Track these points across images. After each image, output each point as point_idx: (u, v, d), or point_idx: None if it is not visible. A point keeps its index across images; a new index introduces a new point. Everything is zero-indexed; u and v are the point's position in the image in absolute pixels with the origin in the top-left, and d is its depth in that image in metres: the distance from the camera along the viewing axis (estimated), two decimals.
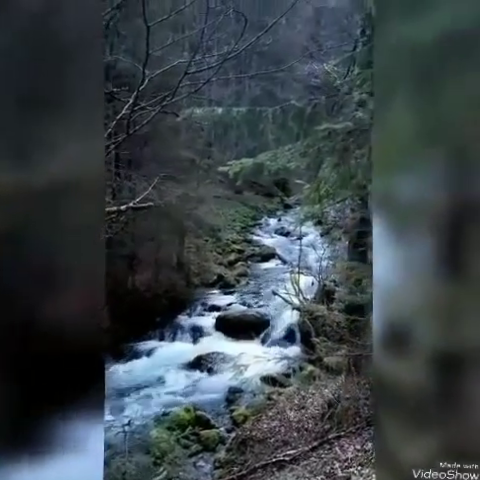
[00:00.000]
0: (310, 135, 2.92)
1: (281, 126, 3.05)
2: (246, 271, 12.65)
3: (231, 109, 3.19)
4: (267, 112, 3.02)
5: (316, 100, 2.97)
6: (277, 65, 7.29)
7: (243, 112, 3.11)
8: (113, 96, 7.29)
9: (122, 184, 10.17)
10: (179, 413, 6.55)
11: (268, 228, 16.36)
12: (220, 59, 3.32)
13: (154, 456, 4.81)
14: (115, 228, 10.07)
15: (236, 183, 3.26)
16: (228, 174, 3.32)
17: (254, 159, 3.10)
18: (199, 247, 12.76)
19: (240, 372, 5.16)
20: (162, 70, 3.66)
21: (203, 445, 6.12)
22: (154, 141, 9.55)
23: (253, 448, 5.76)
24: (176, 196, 9.75)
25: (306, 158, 2.90)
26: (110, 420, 5.06)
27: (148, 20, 2.90)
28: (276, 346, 8.75)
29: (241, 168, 3.09)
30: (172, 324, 9.81)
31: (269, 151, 3.18)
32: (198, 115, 3.15)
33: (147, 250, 10.79)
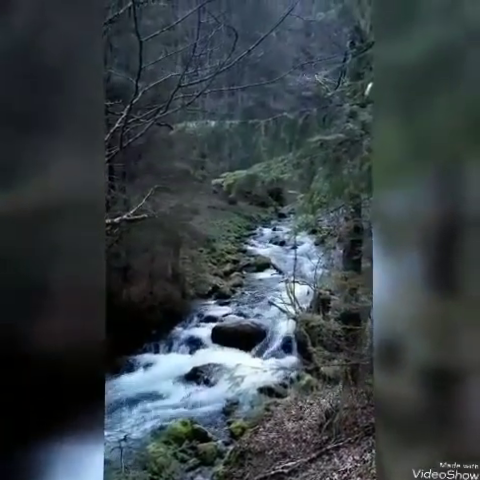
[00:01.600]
0: (302, 146, 2.95)
1: (273, 137, 3.08)
2: (241, 281, 12.63)
3: (224, 122, 3.22)
4: (259, 124, 3.06)
5: (308, 112, 3.01)
6: (269, 77, 7.39)
7: (236, 125, 3.14)
8: (107, 110, 7.34)
9: (116, 196, 10.17)
10: (176, 426, 6.47)
11: (263, 238, 16.39)
12: (213, 72, 3.36)
13: (151, 471, 4.73)
14: (110, 240, 10.05)
15: (230, 194, 3.28)
16: (220, 187, 3.33)
17: (247, 170, 3.13)
18: (194, 258, 12.74)
19: (236, 384, 5.12)
20: (155, 83, 3.69)
21: (201, 459, 6.04)
22: (148, 153, 9.60)
23: (251, 461, 5.69)
24: (170, 207, 9.76)
25: (299, 169, 2.93)
26: (106, 435, 4.99)
27: (141, 35, 2.94)
28: (272, 356, 8.71)
29: (235, 180, 3.11)
30: (168, 336, 9.73)
31: (262, 162, 3.21)
32: (191, 128, 3.18)
33: (142, 262, 10.75)
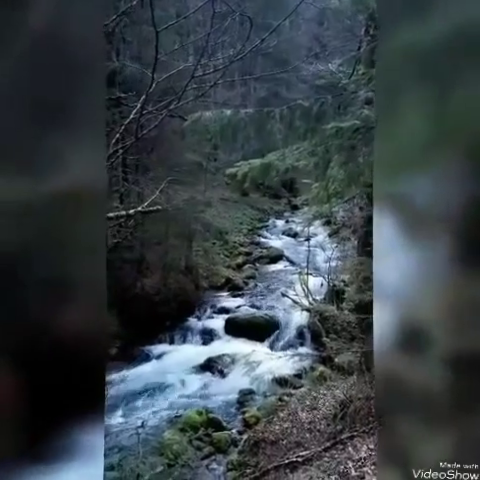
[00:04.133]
0: (317, 134, 2.93)
1: (288, 126, 3.06)
2: (254, 273, 12.65)
3: (239, 110, 3.21)
4: (274, 112, 3.03)
5: (323, 99, 2.98)
6: (282, 66, 7.31)
7: (250, 113, 3.13)
8: (120, 102, 7.38)
9: (130, 189, 10.26)
10: (191, 415, 6.56)
11: (275, 230, 16.35)
12: (226, 62, 3.34)
13: (168, 458, 4.83)
14: (123, 233, 10.15)
15: (244, 184, 3.27)
16: (236, 176, 3.33)
17: (262, 159, 3.11)
18: (207, 250, 12.79)
19: (252, 368, 5.16)
20: (169, 74, 3.69)
21: (215, 447, 6.12)
22: (161, 145, 9.62)
23: (265, 450, 5.75)
24: (183, 200, 9.80)
25: (314, 157, 2.91)
26: (122, 422, 5.10)
27: (152, 25, 2.94)
28: (286, 347, 8.73)
29: (249, 169, 3.10)
30: (182, 327, 9.83)
31: (277, 151, 3.19)
32: (207, 117, 3.17)
33: (155, 254, 10.85)
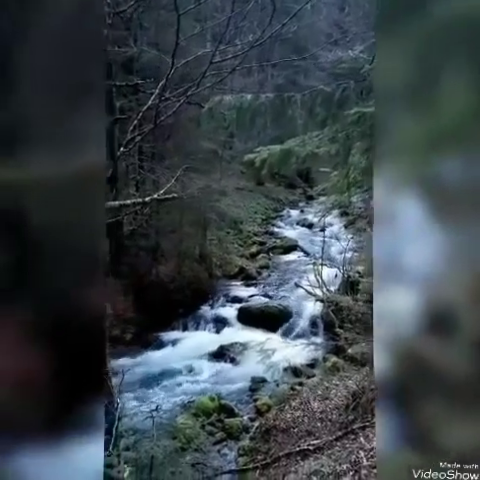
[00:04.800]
0: (339, 120, 2.86)
1: (309, 111, 3.00)
2: (268, 263, 12.63)
3: (259, 95, 3.16)
4: (295, 97, 2.98)
5: (345, 84, 2.91)
6: (300, 53, 7.18)
7: (271, 98, 3.08)
8: (137, 88, 7.39)
9: (145, 176, 10.31)
10: (203, 401, 6.66)
11: (290, 220, 16.25)
12: (245, 47, 3.29)
13: (181, 442, 4.92)
14: (139, 220, 10.26)
15: (262, 171, 3.24)
16: (253, 163, 3.30)
17: (282, 145, 3.07)
18: (221, 239, 12.82)
19: (267, 356, 5.18)
20: (187, 60, 3.67)
21: (227, 433, 6.21)
22: (177, 133, 9.61)
23: (277, 437, 5.80)
24: (198, 188, 9.80)
25: (335, 144, 2.85)
26: (137, 406, 5.21)
27: (170, 11, 2.91)
28: (299, 337, 8.74)
29: (268, 155, 3.06)
30: (195, 315, 9.92)
31: (297, 137, 3.13)
32: (227, 102, 3.14)
33: (170, 242, 10.92)
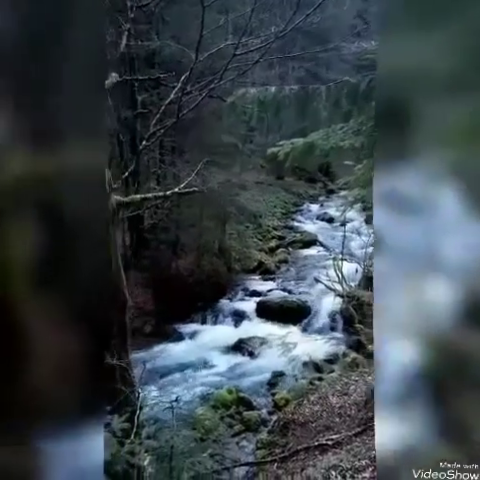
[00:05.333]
0: (364, 112, 2.81)
1: (334, 104, 2.95)
2: (287, 258, 12.59)
3: (283, 87, 3.14)
4: (320, 89, 2.94)
5: (371, 75, 2.84)
6: (322, 45, 7.07)
7: (295, 90, 3.04)
8: (160, 82, 7.42)
9: (166, 170, 10.39)
10: (222, 394, 6.71)
11: (310, 214, 16.12)
12: (269, 39, 3.26)
13: (200, 433, 4.99)
14: (160, 214, 10.37)
15: (285, 164, 3.21)
16: (275, 157, 3.27)
17: (305, 138, 3.03)
18: (240, 233, 12.83)
19: (288, 350, 5.18)
20: (210, 53, 3.66)
21: (245, 425, 6.26)
22: (197, 127, 9.62)
23: (295, 431, 5.81)
24: (218, 182, 9.82)
25: (360, 136, 2.80)
26: (158, 396, 5.30)
27: (191, 4, 2.90)
28: (317, 333, 8.70)
29: (291, 149, 3.04)
30: (214, 308, 9.98)
31: (321, 130, 3.09)
32: (251, 95, 3.12)
33: (190, 236, 10.99)
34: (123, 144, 8.73)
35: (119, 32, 5.12)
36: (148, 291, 9.52)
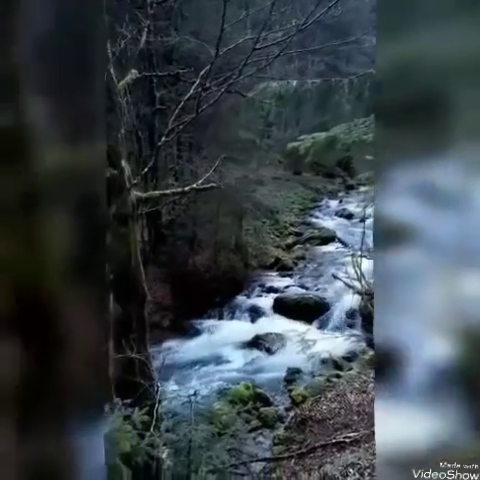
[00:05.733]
0: None
1: (357, 97, 2.90)
2: (304, 254, 12.50)
3: (306, 81, 3.09)
4: (343, 82, 2.89)
5: None
6: (343, 38, 6.95)
7: (318, 83, 3.00)
8: (178, 78, 7.44)
9: (184, 167, 10.44)
10: (239, 389, 6.74)
11: (328, 210, 15.95)
12: (289, 33, 3.22)
13: (217, 427, 5.02)
14: (177, 210, 10.43)
15: (306, 159, 3.18)
16: (294, 152, 3.24)
17: (327, 133, 2.99)
18: (257, 229, 12.80)
19: (308, 347, 5.15)
20: (229, 48, 3.63)
21: (262, 421, 6.27)
22: (215, 123, 9.62)
23: (312, 428, 5.80)
24: (235, 178, 9.81)
25: None
26: (176, 390, 5.36)
27: (210, 0, 2.89)
28: (335, 330, 8.63)
29: (313, 143, 3.00)
30: (230, 304, 10.00)
31: (343, 124, 3.04)
32: (272, 89, 3.09)
33: (207, 232, 11.03)
34: (141, 140, 8.80)
35: (138, 29, 5.14)
36: (166, 286, 9.60)
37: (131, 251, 4.25)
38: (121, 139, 3.95)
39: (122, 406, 2.81)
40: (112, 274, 4.10)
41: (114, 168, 3.95)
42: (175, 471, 3.92)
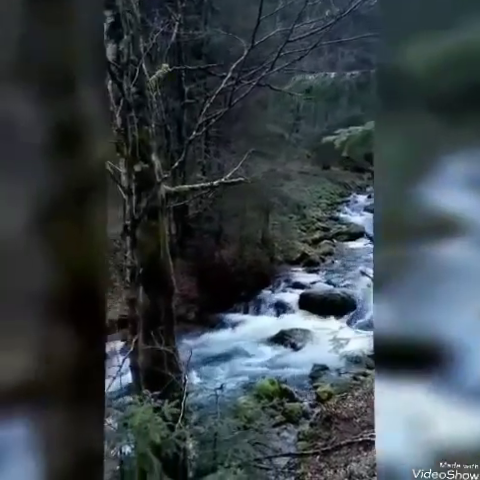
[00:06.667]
0: None
1: None
2: (331, 250, 12.35)
3: (344, 73, 3.01)
4: None
5: None
6: (376, 29, 6.72)
7: (357, 75, 2.91)
8: (208, 72, 7.44)
9: (211, 161, 10.47)
10: (263, 384, 6.75)
11: (357, 205, 15.66)
12: (321, 24, 3.14)
13: (242, 421, 5.05)
14: (204, 204, 10.49)
15: (342, 153, 3.11)
16: (333, 144, 3.16)
17: (363, 126, 2.90)
18: (284, 224, 12.73)
19: (340, 345, 5.08)
20: (261, 40, 3.58)
21: (287, 417, 6.26)
22: (243, 117, 9.58)
23: (338, 425, 5.74)
24: (263, 172, 9.76)
25: None
26: (202, 383, 5.42)
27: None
28: (363, 328, 8.49)
29: (348, 137, 2.93)
30: (256, 298, 10.01)
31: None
32: (309, 81, 3.03)
33: (233, 226, 11.05)
34: (170, 135, 8.87)
35: (169, 23, 5.16)
36: (192, 279, 9.70)
37: (160, 244, 4.29)
38: (151, 134, 3.98)
39: (151, 398, 2.85)
40: (142, 267, 4.15)
41: (145, 162, 3.98)
42: (201, 463, 3.98)
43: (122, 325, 5.89)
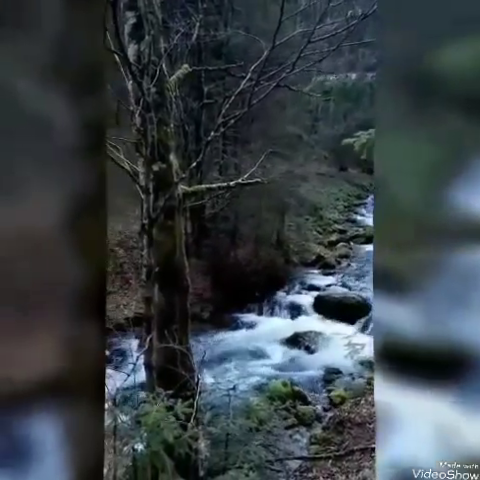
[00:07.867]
0: None
1: None
2: (348, 252, 12.22)
3: (365, 74, 2.98)
4: None
5: None
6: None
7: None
8: (228, 72, 7.45)
9: (228, 161, 10.48)
10: (276, 385, 6.71)
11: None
12: (343, 25, 3.11)
13: (254, 422, 5.04)
14: (221, 204, 10.51)
15: (361, 156, 3.08)
16: (353, 146, 3.12)
17: None
18: (299, 225, 12.67)
19: (356, 351, 5.02)
20: (281, 42, 3.57)
21: (299, 419, 6.21)
22: (261, 117, 9.56)
23: (351, 430, 5.67)
24: (280, 173, 9.72)
25: None
26: (215, 383, 5.41)
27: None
28: None
29: (368, 140, 2.89)
30: (270, 300, 9.97)
31: None
32: (330, 82, 3.01)
33: (248, 226, 11.04)
34: (188, 135, 8.91)
35: (189, 24, 5.19)
36: (207, 278, 9.73)
37: (176, 243, 4.32)
38: (170, 134, 4.01)
39: (164, 397, 2.87)
40: (158, 266, 4.18)
41: (163, 162, 4.01)
42: (212, 462, 3.98)
43: (137, 323, 5.95)
